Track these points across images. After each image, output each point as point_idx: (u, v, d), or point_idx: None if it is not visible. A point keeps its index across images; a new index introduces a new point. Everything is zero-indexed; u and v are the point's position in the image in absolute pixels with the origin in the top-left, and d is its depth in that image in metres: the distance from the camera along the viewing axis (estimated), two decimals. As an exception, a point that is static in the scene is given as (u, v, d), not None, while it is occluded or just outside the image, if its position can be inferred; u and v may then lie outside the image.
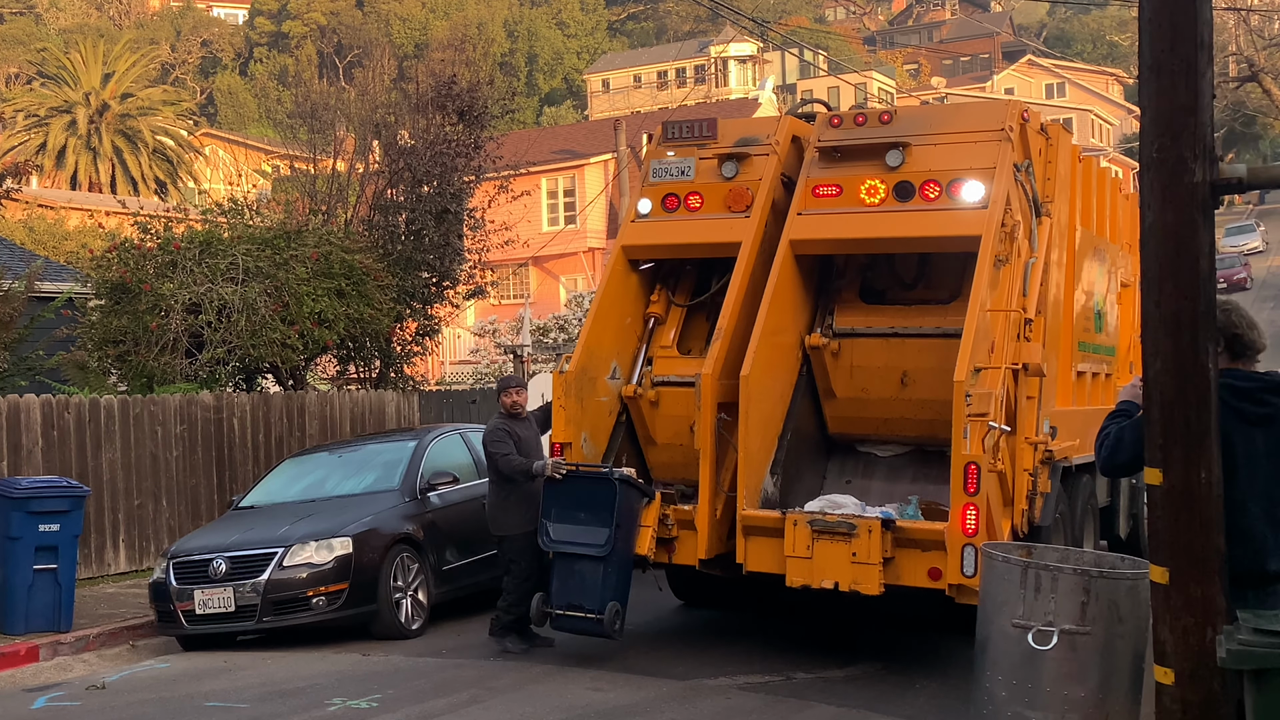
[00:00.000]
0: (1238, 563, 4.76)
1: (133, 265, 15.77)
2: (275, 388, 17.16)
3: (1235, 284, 45.47)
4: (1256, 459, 4.97)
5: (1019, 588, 6.85)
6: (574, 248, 44.73)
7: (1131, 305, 12.28)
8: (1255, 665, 4.27)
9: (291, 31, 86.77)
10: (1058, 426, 9.88)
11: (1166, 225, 4.75)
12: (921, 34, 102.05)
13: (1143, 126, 4.84)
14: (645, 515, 9.73)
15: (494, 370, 28.83)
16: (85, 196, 47.81)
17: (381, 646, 10.46)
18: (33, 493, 10.89)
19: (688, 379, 10.06)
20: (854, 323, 10.30)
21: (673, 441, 10.25)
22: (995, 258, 9.28)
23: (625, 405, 10.59)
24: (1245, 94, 54.99)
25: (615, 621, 9.52)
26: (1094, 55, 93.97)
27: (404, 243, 18.48)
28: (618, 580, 9.59)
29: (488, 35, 79.56)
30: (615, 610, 9.51)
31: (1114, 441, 5.30)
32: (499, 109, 21.35)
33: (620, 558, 9.57)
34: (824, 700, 8.61)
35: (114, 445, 13.88)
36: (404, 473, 11.77)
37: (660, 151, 10.81)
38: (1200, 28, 4.72)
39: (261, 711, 8.61)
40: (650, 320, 10.80)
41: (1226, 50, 42.20)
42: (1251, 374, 5.11)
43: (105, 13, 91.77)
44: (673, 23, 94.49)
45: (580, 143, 47.78)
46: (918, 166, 9.83)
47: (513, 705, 8.56)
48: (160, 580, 10.90)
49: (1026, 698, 6.84)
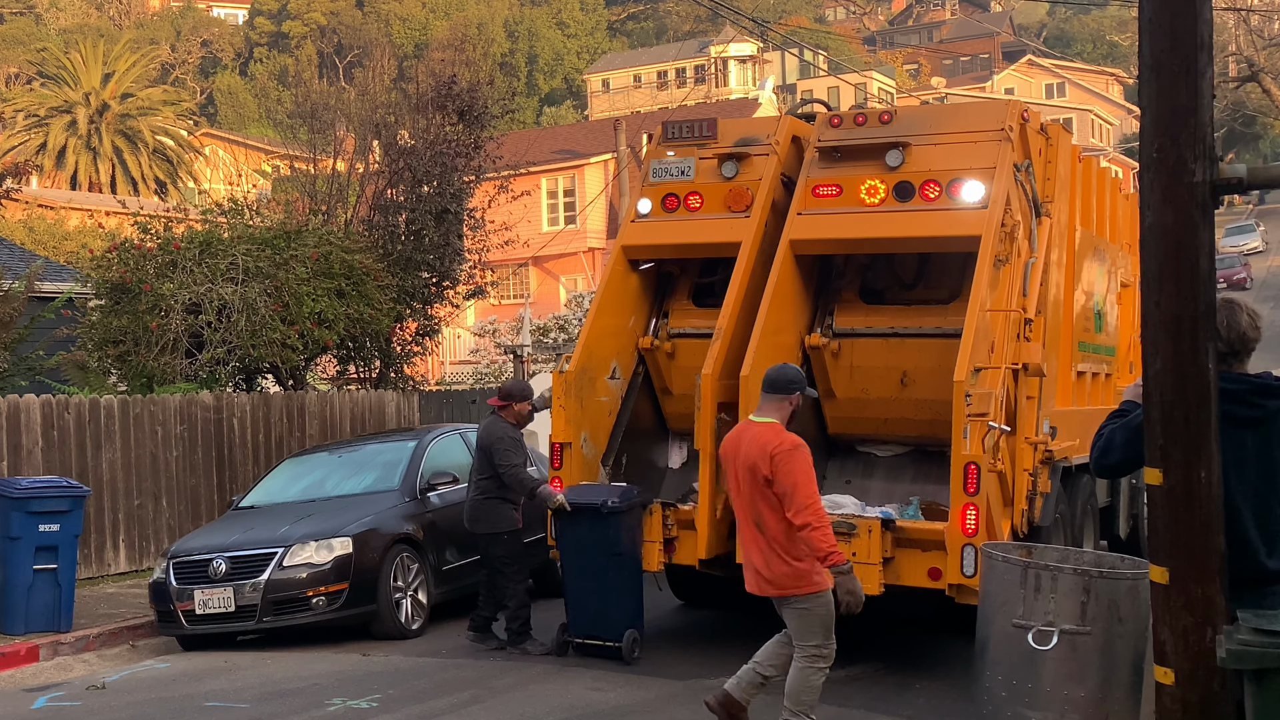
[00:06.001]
0: (1232, 565, 4.75)
1: (133, 265, 15.77)
2: (275, 388, 17.16)
3: (1235, 284, 45.51)
4: (1246, 461, 4.92)
5: (1019, 588, 6.85)
6: (574, 248, 44.73)
7: (1131, 305, 12.28)
8: (1255, 665, 4.27)
9: (291, 31, 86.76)
10: (1058, 426, 9.88)
11: (1166, 225, 4.74)
12: (921, 34, 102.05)
13: (1143, 126, 4.84)
14: (649, 530, 9.74)
15: (494, 370, 28.83)
16: (85, 196, 47.82)
17: (381, 646, 10.46)
18: (33, 493, 10.89)
19: (703, 330, 10.17)
20: (854, 323, 10.30)
21: (688, 392, 10.20)
22: (995, 258, 9.28)
23: (642, 357, 10.75)
24: (1245, 94, 55.04)
25: (634, 649, 9.67)
26: (1094, 55, 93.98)
27: (404, 243, 18.48)
28: (631, 606, 9.70)
29: (488, 35, 79.55)
30: (633, 638, 9.66)
31: (1105, 443, 5.30)
32: (499, 109, 21.35)
33: (628, 584, 9.66)
34: (824, 700, 8.58)
35: (114, 445, 13.88)
36: (404, 473, 11.77)
37: (660, 151, 10.81)
38: (1200, 28, 4.72)
39: (261, 711, 8.61)
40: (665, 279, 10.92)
41: (1226, 50, 42.21)
42: (1239, 375, 5.03)
43: (105, 13, 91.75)
44: (673, 23, 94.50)
45: (580, 143, 47.78)
46: (918, 166, 9.83)
47: (513, 705, 8.56)
48: (160, 580, 10.90)
49: (1026, 698, 6.84)
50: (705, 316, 10.43)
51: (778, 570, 6.72)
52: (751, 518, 6.76)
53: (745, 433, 6.96)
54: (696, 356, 10.07)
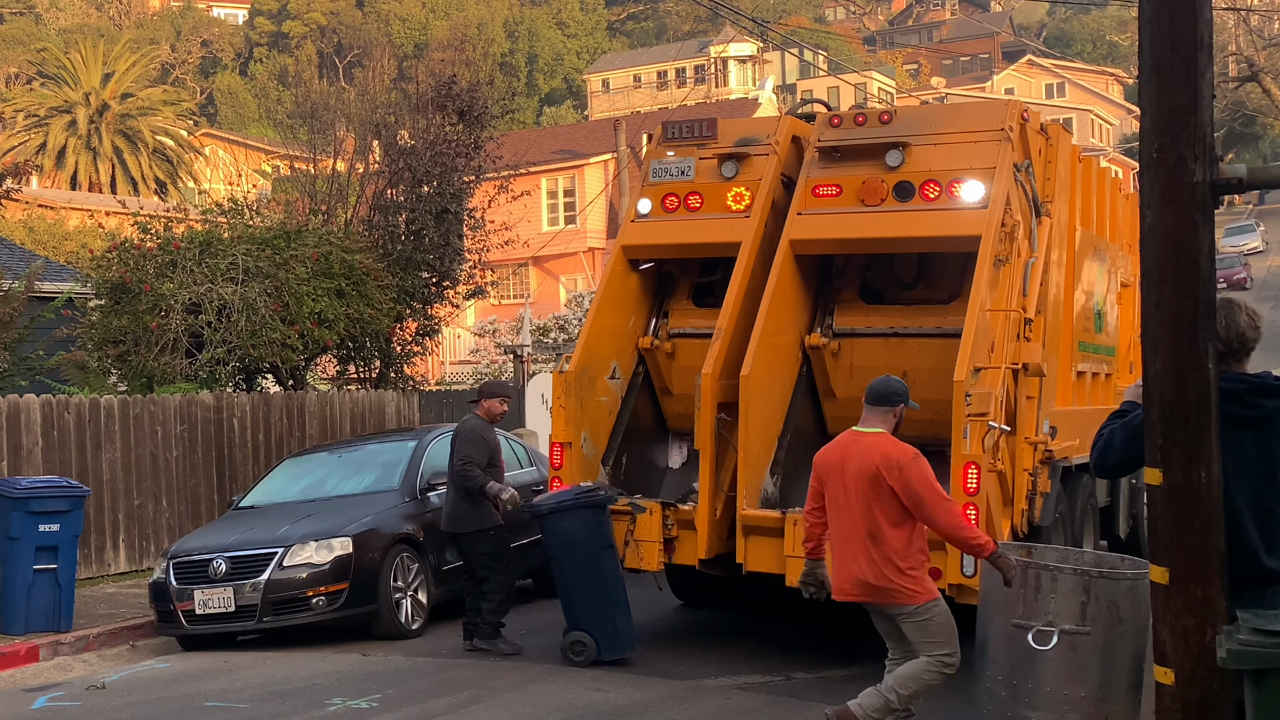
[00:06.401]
0: (1232, 565, 4.75)
1: (133, 265, 15.77)
2: (275, 388, 17.16)
3: (1235, 284, 45.51)
4: (1244, 461, 4.90)
5: (1019, 588, 6.85)
6: (574, 248, 44.73)
7: (1131, 305, 12.28)
8: (1255, 665, 4.27)
9: (291, 31, 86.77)
10: (1058, 426, 9.88)
11: (1166, 225, 4.74)
12: (921, 34, 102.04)
13: (1143, 126, 4.84)
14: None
15: (494, 370, 28.83)
16: (85, 196, 47.81)
17: (381, 646, 10.46)
18: (33, 493, 10.89)
19: (703, 330, 10.18)
20: (854, 323, 10.30)
21: (688, 392, 10.21)
22: (995, 258, 9.28)
23: (642, 357, 10.77)
24: (1245, 94, 55.04)
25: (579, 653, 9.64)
26: (1094, 55, 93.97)
27: (404, 243, 18.47)
28: (581, 610, 9.68)
29: (488, 35, 79.57)
30: (611, 634, 9.64)
31: (1104, 443, 5.30)
32: (499, 109, 21.34)
33: (568, 588, 9.68)
34: (824, 700, 8.59)
35: (114, 445, 13.88)
36: (404, 473, 11.77)
37: (660, 151, 10.81)
38: (1200, 28, 4.72)
39: (261, 711, 8.61)
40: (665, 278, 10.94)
41: (1226, 50, 42.20)
42: (1238, 375, 5.01)
43: (105, 13, 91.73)
44: (673, 23, 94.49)
45: (580, 143, 47.78)
46: (918, 166, 9.84)
47: (513, 705, 8.56)
48: (160, 580, 10.90)
49: (1027, 698, 6.84)
50: (705, 316, 10.43)
51: (896, 582, 6.67)
52: (865, 529, 6.68)
53: (854, 444, 6.90)
54: (696, 356, 10.07)
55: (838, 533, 6.86)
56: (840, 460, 6.91)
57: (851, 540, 6.74)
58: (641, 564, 9.81)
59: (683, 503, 10.02)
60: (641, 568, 9.85)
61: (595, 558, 9.58)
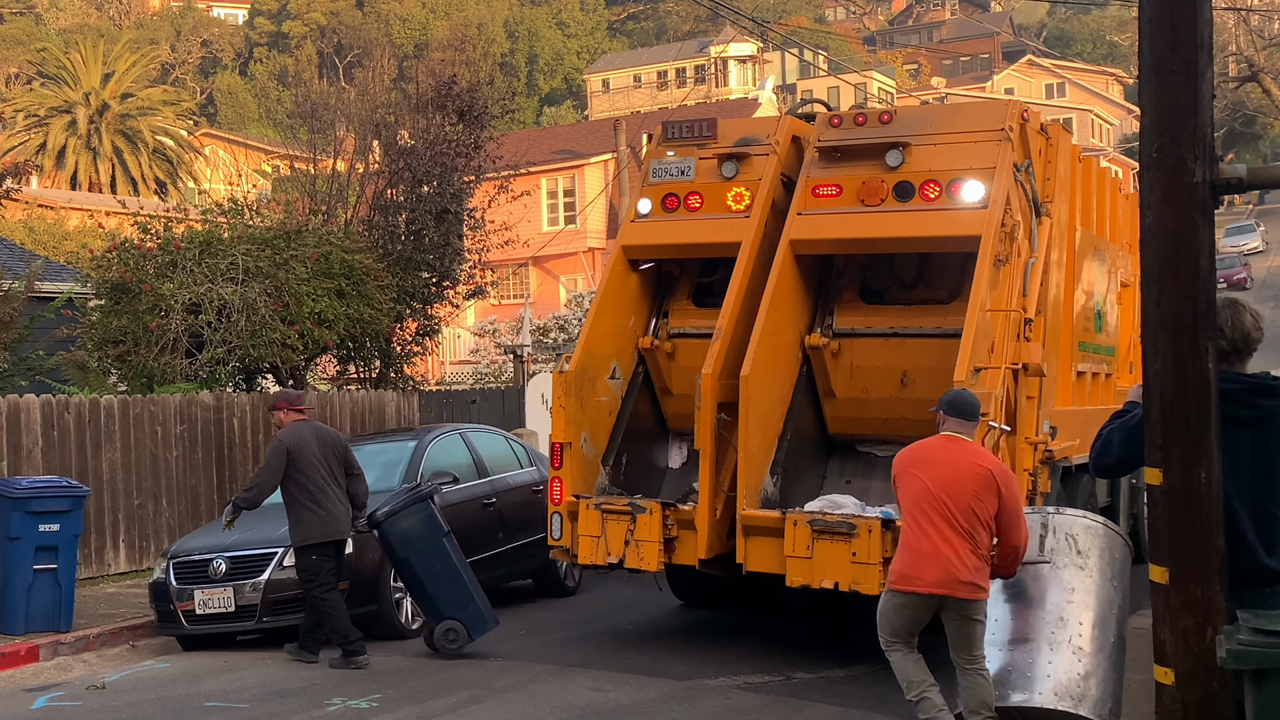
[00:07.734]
0: (1232, 565, 4.75)
1: (133, 265, 15.76)
2: (275, 388, 17.15)
3: (1235, 284, 45.54)
4: (1242, 462, 4.90)
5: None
6: (574, 248, 44.73)
7: (1131, 305, 12.28)
8: (1255, 665, 4.27)
9: (291, 31, 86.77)
10: (1058, 426, 9.88)
11: (1166, 225, 4.75)
12: (921, 34, 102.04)
13: (1143, 126, 4.84)
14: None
15: (494, 370, 28.82)
16: (85, 196, 47.82)
17: (381, 646, 10.46)
18: (33, 493, 10.88)
19: (703, 330, 10.20)
20: (854, 323, 10.30)
21: (688, 392, 10.22)
22: (995, 258, 9.29)
23: (642, 357, 10.81)
24: (1245, 94, 55.05)
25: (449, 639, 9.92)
26: (1094, 55, 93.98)
27: (404, 243, 18.47)
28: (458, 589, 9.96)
29: (488, 35, 79.57)
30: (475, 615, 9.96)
31: (1103, 443, 5.31)
32: (499, 109, 21.34)
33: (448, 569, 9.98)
34: (824, 700, 8.61)
35: (114, 445, 13.88)
36: (404, 473, 11.76)
37: (660, 151, 10.81)
38: (1200, 28, 4.72)
39: (261, 711, 8.62)
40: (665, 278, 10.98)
41: (1226, 50, 42.20)
42: (1235, 375, 5.00)
43: (105, 13, 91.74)
44: (673, 23, 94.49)
45: (580, 143, 47.77)
46: (918, 166, 9.84)
47: (513, 705, 8.56)
48: (160, 580, 10.90)
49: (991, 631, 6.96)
50: (705, 316, 10.43)
51: (982, 579, 6.87)
52: (965, 526, 6.83)
53: (952, 447, 7.02)
54: (696, 356, 10.07)
55: (929, 529, 6.88)
56: (931, 457, 7.01)
57: (949, 537, 6.82)
58: (641, 564, 9.78)
59: (683, 503, 10.02)
60: (641, 568, 9.81)
61: (440, 548, 10.00)
